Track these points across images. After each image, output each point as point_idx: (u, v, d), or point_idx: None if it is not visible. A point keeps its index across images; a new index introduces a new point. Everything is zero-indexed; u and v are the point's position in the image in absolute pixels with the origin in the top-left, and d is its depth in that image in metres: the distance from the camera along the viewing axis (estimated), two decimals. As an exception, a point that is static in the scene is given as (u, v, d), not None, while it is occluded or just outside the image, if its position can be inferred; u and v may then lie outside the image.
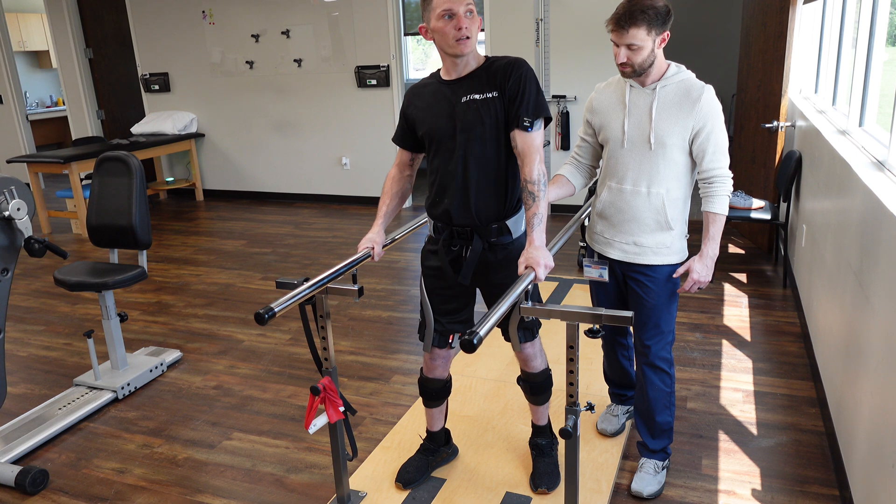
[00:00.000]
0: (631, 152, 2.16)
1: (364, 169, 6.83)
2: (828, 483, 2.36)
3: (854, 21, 3.45)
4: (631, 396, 2.67)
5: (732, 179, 2.14)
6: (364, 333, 3.79)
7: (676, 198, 2.17)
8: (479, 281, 2.21)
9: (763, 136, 4.58)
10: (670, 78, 2.12)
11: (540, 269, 1.89)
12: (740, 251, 4.82)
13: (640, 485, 2.35)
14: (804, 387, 2.99)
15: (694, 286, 2.16)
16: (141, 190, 3.18)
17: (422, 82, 2.19)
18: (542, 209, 1.98)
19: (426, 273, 2.26)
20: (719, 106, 2.10)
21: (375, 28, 6.36)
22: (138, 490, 2.53)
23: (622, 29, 2.02)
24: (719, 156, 2.10)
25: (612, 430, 2.63)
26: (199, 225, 6.48)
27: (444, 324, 2.26)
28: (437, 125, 2.09)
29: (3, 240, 2.51)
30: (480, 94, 2.02)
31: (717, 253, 2.15)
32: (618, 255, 2.26)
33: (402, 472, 2.43)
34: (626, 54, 2.04)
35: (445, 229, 2.17)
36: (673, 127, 2.09)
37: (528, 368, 2.32)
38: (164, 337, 3.88)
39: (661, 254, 2.20)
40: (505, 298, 1.74)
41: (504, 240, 2.13)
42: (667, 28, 2.04)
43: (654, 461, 2.40)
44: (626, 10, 2.02)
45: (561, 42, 5.74)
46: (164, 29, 7.18)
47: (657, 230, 2.18)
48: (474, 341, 1.55)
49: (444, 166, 2.11)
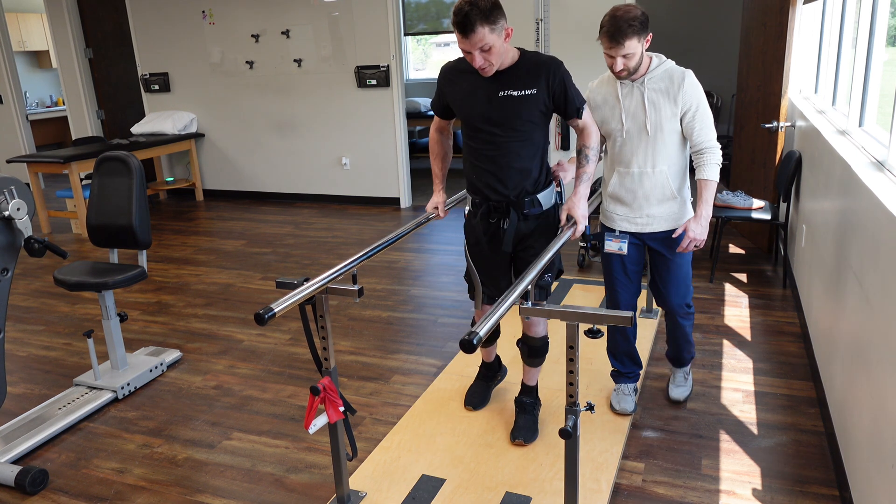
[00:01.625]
0: (632, 140, 2.49)
1: (364, 169, 6.83)
2: (828, 483, 2.36)
3: (854, 21, 3.45)
4: (638, 373, 2.86)
5: (721, 149, 2.44)
6: (364, 333, 3.79)
7: (677, 171, 2.52)
8: (514, 246, 2.47)
9: (763, 137, 4.57)
10: (655, 70, 2.43)
11: (578, 216, 2.34)
12: (740, 251, 4.82)
13: (677, 392, 2.88)
14: (804, 387, 2.99)
15: (691, 244, 2.48)
16: (141, 190, 3.18)
17: (458, 65, 2.37)
18: (591, 169, 2.38)
19: (471, 246, 2.57)
20: (700, 87, 2.43)
21: (375, 28, 6.36)
22: (138, 490, 2.53)
23: (618, 44, 2.28)
24: (706, 130, 2.44)
25: (631, 408, 2.76)
26: (199, 225, 6.48)
27: (491, 287, 2.57)
28: (473, 114, 2.32)
29: (3, 240, 2.51)
30: (518, 91, 2.24)
31: (710, 214, 2.46)
32: (634, 229, 2.60)
33: (469, 397, 2.88)
34: (623, 62, 2.33)
35: (483, 204, 2.44)
36: (664, 112, 2.43)
37: (530, 332, 2.59)
38: (163, 337, 3.88)
39: (670, 219, 2.56)
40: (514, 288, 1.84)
41: (535, 211, 2.41)
42: (648, 30, 2.33)
43: (684, 370, 2.92)
44: (616, 27, 2.26)
45: (561, 42, 5.74)
46: (164, 29, 7.18)
47: (665, 201, 2.53)
48: (474, 341, 1.55)
49: (479, 151, 2.37)
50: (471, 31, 2.06)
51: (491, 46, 2.11)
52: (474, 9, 2.05)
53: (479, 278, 2.58)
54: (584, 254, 4.65)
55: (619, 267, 2.68)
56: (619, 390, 2.84)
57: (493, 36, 2.09)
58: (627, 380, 2.84)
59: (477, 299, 2.63)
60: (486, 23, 2.06)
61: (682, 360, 2.90)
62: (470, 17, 2.05)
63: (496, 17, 2.09)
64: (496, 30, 2.10)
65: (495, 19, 2.08)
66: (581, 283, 4.31)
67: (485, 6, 2.06)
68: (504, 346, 3.41)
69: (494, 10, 2.08)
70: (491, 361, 2.91)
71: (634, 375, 2.85)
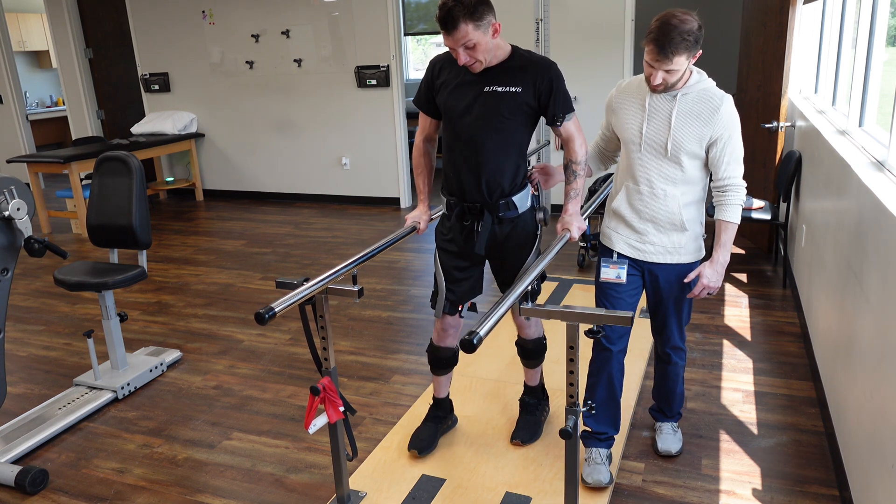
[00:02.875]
0: (647, 155, 2.20)
1: (364, 169, 6.83)
2: (828, 483, 2.36)
3: (854, 21, 3.45)
4: (612, 436, 2.45)
5: (746, 189, 2.19)
6: (364, 333, 3.79)
7: (690, 201, 2.22)
8: (489, 252, 2.38)
9: (763, 136, 4.58)
10: (692, 86, 2.12)
11: (574, 229, 2.24)
12: (740, 251, 4.82)
13: (667, 445, 2.55)
14: (804, 387, 2.99)
15: (704, 291, 2.22)
16: (141, 190, 3.18)
17: (448, 56, 2.28)
18: (579, 185, 2.27)
19: (440, 247, 2.43)
20: (737, 116, 2.13)
21: (375, 28, 6.36)
22: (138, 490, 2.53)
23: (665, 57, 1.98)
24: (734, 165, 2.15)
25: (606, 479, 2.33)
26: (199, 225, 6.48)
27: (456, 292, 2.43)
28: (456, 106, 2.23)
29: (3, 240, 2.51)
30: (502, 87, 2.16)
31: (728, 260, 2.22)
32: (633, 254, 2.30)
33: (414, 440, 2.58)
34: (664, 77, 2.04)
35: (458, 205, 2.32)
36: (691, 135, 2.12)
37: (524, 335, 2.56)
38: (163, 337, 3.88)
39: (676, 253, 2.27)
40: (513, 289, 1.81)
41: (510, 214, 2.30)
42: (700, 46, 2.01)
43: (672, 423, 2.62)
44: (668, 38, 1.95)
45: (561, 42, 5.74)
46: (164, 29, 7.18)
47: (671, 231, 2.24)
48: (474, 341, 1.55)
49: (457, 146, 2.27)
50: (454, 27, 1.99)
51: (476, 43, 2.03)
52: (458, 4, 1.98)
53: (444, 284, 2.42)
54: (584, 254, 4.66)
55: (615, 295, 2.34)
56: (590, 459, 2.39)
57: (477, 33, 2.02)
58: (599, 443, 2.43)
59: (438, 307, 2.44)
60: (471, 19, 1.99)
61: (670, 413, 2.59)
62: (453, 13, 1.98)
63: (482, 14, 2.01)
64: (482, 26, 2.02)
65: (481, 15, 2.01)
66: (581, 283, 4.31)
67: (469, 2, 1.98)
68: (504, 346, 3.41)
69: (480, 6, 2.00)
70: (442, 399, 2.65)
71: (608, 439, 2.43)
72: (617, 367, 2.37)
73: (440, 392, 2.64)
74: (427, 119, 2.39)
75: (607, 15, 5.58)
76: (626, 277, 2.29)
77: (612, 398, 2.40)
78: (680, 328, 2.42)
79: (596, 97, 5.71)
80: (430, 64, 2.32)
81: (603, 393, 2.39)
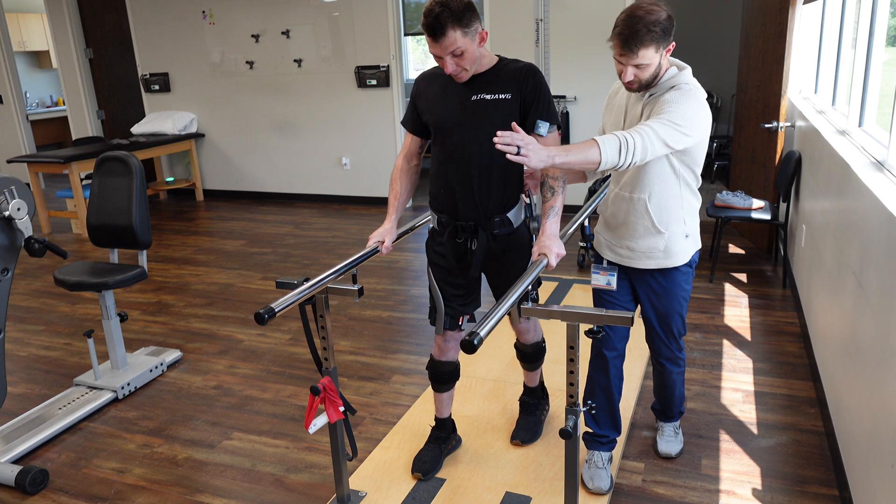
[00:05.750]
0: None
1: (364, 169, 6.83)
2: (827, 483, 2.36)
3: (854, 21, 3.45)
4: (615, 439, 2.44)
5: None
6: (364, 333, 3.79)
7: (662, 204, 2.11)
8: (484, 268, 2.32)
9: (763, 137, 4.58)
10: (663, 84, 2.01)
11: (552, 256, 2.02)
12: (740, 251, 4.82)
13: (667, 447, 2.54)
14: (804, 387, 2.99)
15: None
16: (141, 190, 3.18)
17: (433, 71, 2.23)
18: (558, 203, 2.12)
19: (433, 263, 2.35)
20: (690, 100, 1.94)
21: (375, 28, 6.36)
22: (138, 490, 2.53)
23: (630, 51, 1.89)
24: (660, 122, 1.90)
25: (607, 486, 2.32)
26: (199, 225, 6.48)
27: (455, 307, 2.36)
28: (444, 118, 2.16)
29: (3, 240, 2.51)
30: (491, 95, 2.08)
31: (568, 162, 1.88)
32: (616, 259, 2.26)
33: (417, 463, 2.48)
34: (634, 73, 1.94)
35: (450, 223, 2.24)
36: None
37: (522, 340, 2.55)
38: (164, 337, 3.88)
39: (653, 257, 2.18)
40: (512, 291, 1.78)
41: (505, 231, 2.22)
42: (671, 37, 1.93)
43: (673, 424, 2.60)
44: (632, 30, 1.87)
45: (561, 42, 5.74)
46: (164, 29, 7.18)
47: (646, 235, 2.16)
48: (475, 342, 1.55)
49: (449, 160, 2.18)
50: (441, 34, 1.92)
51: (463, 51, 1.96)
52: (445, 10, 1.90)
53: (442, 300, 2.34)
54: (584, 254, 4.66)
55: (610, 301, 2.32)
56: (591, 462, 2.38)
57: (465, 40, 1.94)
58: (601, 447, 2.40)
59: (438, 324, 2.36)
60: (459, 26, 1.92)
61: (670, 414, 2.57)
62: (440, 19, 1.90)
63: (469, 20, 1.94)
64: (469, 33, 1.95)
65: (468, 22, 1.93)
66: (581, 283, 4.31)
67: (457, 7, 1.91)
68: (504, 346, 3.42)
69: (467, 12, 1.93)
70: (445, 419, 2.55)
71: (610, 442, 2.42)
72: (615, 372, 2.36)
73: (442, 412, 2.54)
74: (411, 137, 2.32)
75: (607, 15, 5.58)
76: (615, 284, 2.23)
77: (611, 403, 2.39)
78: (669, 340, 2.34)
79: (595, 97, 5.71)
80: (416, 81, 2.26)
81: (602, 397, 2.38)
